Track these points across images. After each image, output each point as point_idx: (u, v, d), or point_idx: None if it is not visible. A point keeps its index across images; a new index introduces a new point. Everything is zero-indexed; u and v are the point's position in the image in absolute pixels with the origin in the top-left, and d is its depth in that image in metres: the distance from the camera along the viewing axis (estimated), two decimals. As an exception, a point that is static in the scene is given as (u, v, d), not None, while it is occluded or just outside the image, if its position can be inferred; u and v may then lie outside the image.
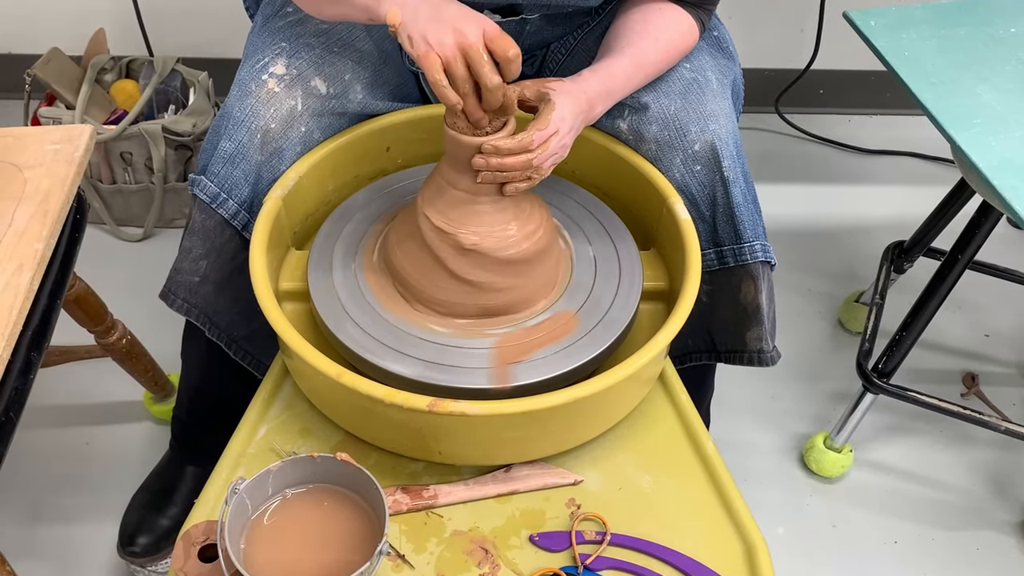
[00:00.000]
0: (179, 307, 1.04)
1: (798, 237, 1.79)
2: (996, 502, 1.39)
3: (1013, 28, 1.24)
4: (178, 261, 1.03)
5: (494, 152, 0.85)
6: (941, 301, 1.26)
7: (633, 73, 0.97)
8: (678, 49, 1.01)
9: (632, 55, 0.97)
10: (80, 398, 1.45)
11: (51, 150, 1.02)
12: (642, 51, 0.97)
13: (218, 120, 1.01)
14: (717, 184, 1.01)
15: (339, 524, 0.80)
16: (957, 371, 1.56)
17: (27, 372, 0.95)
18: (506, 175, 0.87)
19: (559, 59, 1.12)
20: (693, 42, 1.02)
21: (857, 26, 1.23)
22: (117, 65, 1.72)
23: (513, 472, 0.89)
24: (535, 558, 0.84)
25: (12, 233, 0.93)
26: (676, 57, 1.01)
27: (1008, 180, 1.03)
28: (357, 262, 0.95)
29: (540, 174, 0.89)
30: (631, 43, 0.98)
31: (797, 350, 1.57)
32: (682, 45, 1.01)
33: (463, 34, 0.80)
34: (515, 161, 0.86)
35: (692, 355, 1.16)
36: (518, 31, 1.07)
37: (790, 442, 1.45)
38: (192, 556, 0.79)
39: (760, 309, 1.06)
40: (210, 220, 1.00)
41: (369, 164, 1.08)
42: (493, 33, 0.81)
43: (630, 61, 0.97)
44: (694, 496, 0.89)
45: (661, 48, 0.99)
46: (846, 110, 2.08)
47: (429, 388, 0.84)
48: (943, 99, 1.12)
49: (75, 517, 1.31)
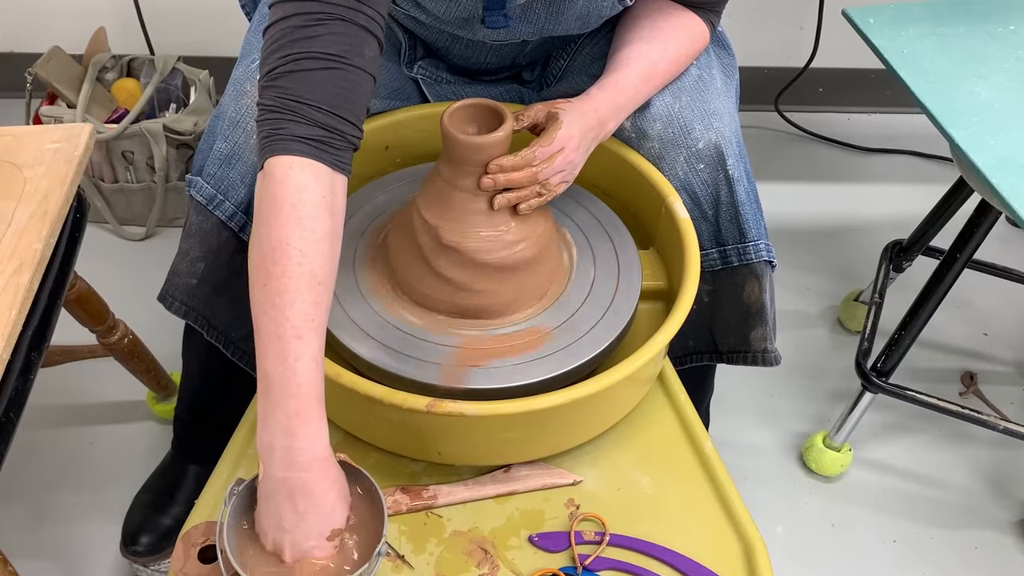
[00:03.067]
0: (177, 310, 1.04)
1: (797, 236, 1.79)
2: (994, 501, 1.39)
3: (1012, 26, 1.24)
4: (175, 263, 1.03)
5: (499, 170, 0.85)
6: (940, 300, 1.26)
7: (642, 85, 0.96)
8: (688, 55, 1.00)
9: (640, 67, 0.96)
10: (82, 398, 1.46)
11: (51, 149, 1.02)
12: (651, 62, 0.96)
13: (213, 120, 1.01)
14: (721, 183, 1.01)
15: (338, 524, 0.80)
16: (956, 370, 1.56)
17: (27, 372, 0.95)
18: (516, 194, 0.87)
19: (561, 65, 1.11)
20: (703, 46, 1.01)
21: (856, 24, 1.23)
22: (118, 64, 1.72)
23: (512, 472, 0.89)
24: (534, 558, 0.84)
25: (12, 232, 0.93)
26: (686, 63, 1.00)
27: (1007, 179, 1.03)
28: (357, 261, 0.95)
29: (549, 190, 0.89)
30: (640, 53, 0.96)
31: (796, 349, 1.57)
32: (692, 50, 1.00)
33: (283, 552, 0.73)
34: (521, 176, 0.86)
35: (693, 355, 1.16)
36: (519, 50, 1.06)
37: (789, 441, 1.46)
38: (192, 557, 0.79)
39: (764, 308, 1.06)
40: (207, 222, 1.00)
41: (368, 163, 1.08)
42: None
43: (639, 73, 0.95)
44: (693, 496, 0.89)
45: (671, 57, 0.97)
46: (845, 108, 2.08)
47: (381, 373, 0.85)
48: (942, 97, 1.12)
49: (77, 517, 1.31)
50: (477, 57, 1.07)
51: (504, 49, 1.05)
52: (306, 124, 0.73)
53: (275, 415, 0.71)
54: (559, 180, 0.89)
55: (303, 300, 0.71)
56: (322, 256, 0.73)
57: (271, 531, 0.73)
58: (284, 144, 0.73)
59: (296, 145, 0.73)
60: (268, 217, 0.73)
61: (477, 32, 0.98)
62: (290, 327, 0.70)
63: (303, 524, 0.72)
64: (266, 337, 0.71)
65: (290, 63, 0.74)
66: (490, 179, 0.86)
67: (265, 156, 0.74)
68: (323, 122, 0.74)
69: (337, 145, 0.75)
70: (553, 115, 0.90)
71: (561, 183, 0.90)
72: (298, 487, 0.71)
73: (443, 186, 0.89)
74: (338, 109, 0.74)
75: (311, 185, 0.73)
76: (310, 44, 0.74)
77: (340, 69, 0.75)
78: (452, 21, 0.97)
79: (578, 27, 0.98)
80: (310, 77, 0.74)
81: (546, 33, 0.98)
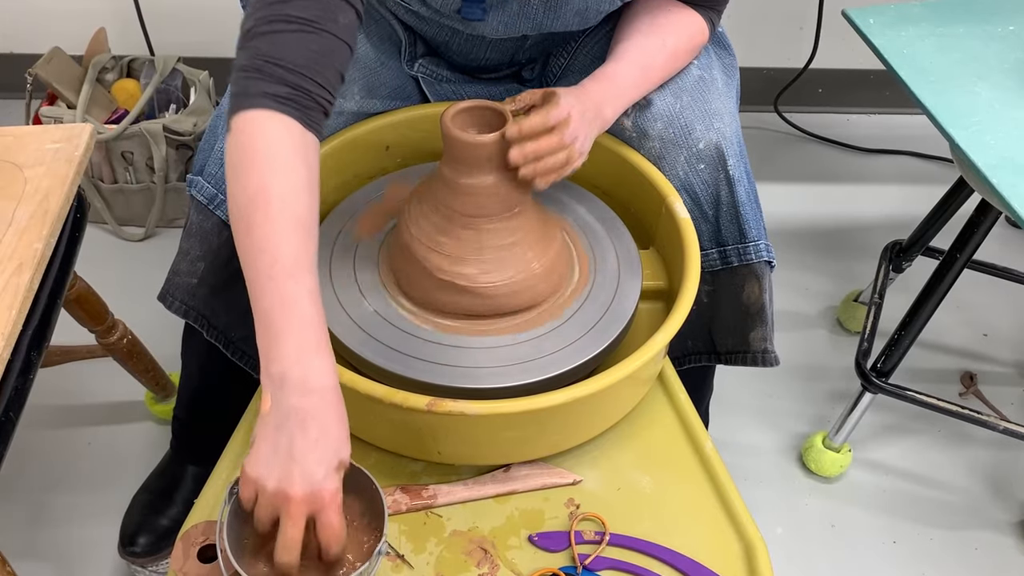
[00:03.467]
0: (177, 309, 1.04)
1: (797, 236, 1.79)
2: (994, 502, 1.39)
3: (1012, 26, 1.24)
4: (176, 263, 1.03)
5: (519, 137, 0.83)
6: (940, 300, 1.26)
7: (639, 77, 0.95)
8: (687, 50, 0.99)
9: (636, 59, 0.95)
10: (81, 398, 1.45)
11: (51, 149, 1.02)
12: (648, 54, 0.96)
13: (214, 120, 1.01)
14: (721, 183, 1.01)
15: (338, 524, 0.80)
16: (955, 370, 1.56)
17: (27, 372, 0.95)
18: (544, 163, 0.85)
19: (561, 63, 1.11)
20: (703, 43, 1.01)
21: (856, 24, 1.23)
22: (118, 64, 1.72)
23: (512, 472, 0.89)
24: (534, 558, 0.84)
25: (12, 232, 0.93)
26: (685, 59, 1.00)
27: (1007, 178, 1.03)
28: (357, 261, 0.95)
29: (572, 160, 0.87)
30: (637, 46, 0.96)
31: (796, 349, 1.57)
32: (691, 46, 1.00)
33: (291, 485, 0.68)
34: (548, 142, 0.84)
35: (692, 356, 1.15)
36: (519, 45, 1.06)
37: (789, 442, 1.46)
38: (191, 556, 0.79)
39: (764, 309, 1.06)
40: (207, 222, 1.00)
41: (368, 163, 1.08)
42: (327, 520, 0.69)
43: (634, 65, 0.95)
44: (693, 496, 0.89)
45: (669, 52, 0.97)
46: (845, 109, 2.08)
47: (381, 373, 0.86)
48: (942, 97, 1.12)
49: (76, 517, 1.31)
50: (477, 52, 1.07)
51: (504, 44, 1.05)
52: (274, 82, 0.73)
53: (285, 347, 0.69)
54: (580, 149, 0.88)
55: (290, 242, 0.70)
56: (303, 205, 0.72)
57: (277, 467, 0.68)
58: (252, 100, 0.73)
59: (265, 100, 0.73)
60: (242, 171, 0.72)
61: (477, 27, 0.98)
62: (280, 268, 0.70)
63: (315, 452, 0.68)
64: (259, 281, 0.70)
65: (263, 25, 0.75)
66: (518, 150, 0.83)
67: (233, 113, 0.74)
68: (291, 81, 0.74)
69: (305, 104, 0.74)
70: (550, 93, 0.89)
71: (579, 155, 0.88)
72: (311, 414, 0.69)
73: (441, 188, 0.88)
74: (305, 69, 0.74)
75: (283, 136, 0.73)
76: (284, 7, 0.75)
77: (311, 32, 0.75)
78: (450, 14, 0.97)
79: (577, 23, 0.98)
80: (280, 39, 0.75)
81: (545, 29, 0.98)
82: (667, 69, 0.98)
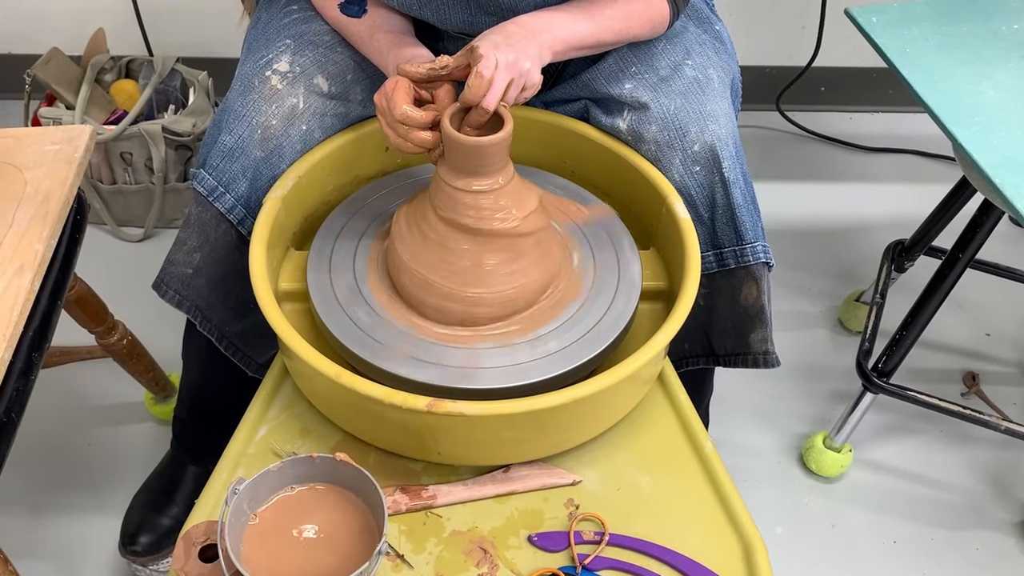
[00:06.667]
0: (171, 298, 1.03)
1: (798, 236, 1.79)
2: (996, 502, 1.39)
3: (1016, 24, 1.23)
4: (172, 252, 1.03)
5: (462, 106, 0.86)
6: (942, 300, 1.26)
7: (576, 11, 0.94)
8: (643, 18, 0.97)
9: (579, 4, 0.95)
10: (81, 399, 1.46)
11: (51, 151, 1.02)
12: (592, 2, 0.95)
13: (219, 114, 1.01)
14: (716, 185, 1.01)
15: (338, 524, 0.80)
16: (957, 370, 1.56)
17: (28, 373, 0.95)
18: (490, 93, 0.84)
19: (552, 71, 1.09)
20: (661, 17, 0.98)
21: (858, 23, 1.23)
22: (117, 65, 1.72)
23: (512, 472, 0.89)
24: (534, 558, 0.84)
25: (13, 234, 0.93)
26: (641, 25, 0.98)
27: (1010, 178, 1.03)
28: (358, 262, 0.95)
29: (529, 84, 0.88)
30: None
31: (797, 349, 1.57)
32: (647, 14, 0.97)
33: None
34: (487, 80, 0.84)
35: (689, 359, 1.15)
36: None
37: (789, 442, 1.45)
38: (192, 556, 0.79)
39: (764, 310, 1.06)
40: (206, 213, 1.00)
41: (369, 164, 1.08)
42: None
43: (574, 5, 0.94)
44: (693, 496, 0.89)
45: (621, 9, 0.95)
46: (847, 107, 2.08)
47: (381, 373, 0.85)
48: (945, 96, 1.12)
49: (77, 517, 1.31)
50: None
51: None
52: None
53: None
54: (520, 68, 0.87)
55: None
56: None
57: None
58: None
59: None
60: None
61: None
62: None
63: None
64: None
65: None
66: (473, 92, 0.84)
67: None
68: None
69: None
70: (469, 46, 0.87)
71: (532, 71, 0.88)
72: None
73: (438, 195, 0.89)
74: None
75: None
76: None
77: None
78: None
79: None
80: None
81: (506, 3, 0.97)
82: (615, 21, 0.96)
